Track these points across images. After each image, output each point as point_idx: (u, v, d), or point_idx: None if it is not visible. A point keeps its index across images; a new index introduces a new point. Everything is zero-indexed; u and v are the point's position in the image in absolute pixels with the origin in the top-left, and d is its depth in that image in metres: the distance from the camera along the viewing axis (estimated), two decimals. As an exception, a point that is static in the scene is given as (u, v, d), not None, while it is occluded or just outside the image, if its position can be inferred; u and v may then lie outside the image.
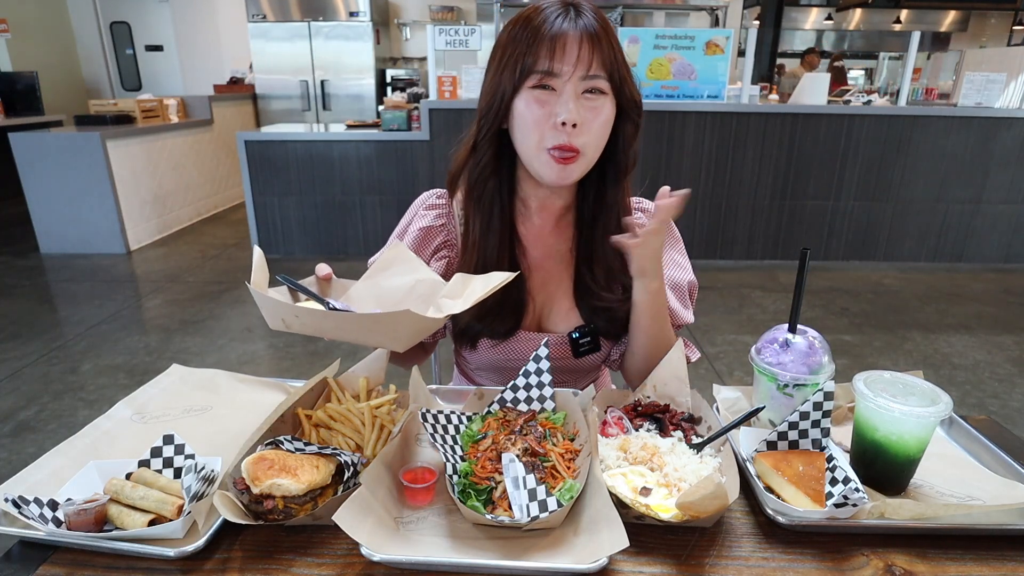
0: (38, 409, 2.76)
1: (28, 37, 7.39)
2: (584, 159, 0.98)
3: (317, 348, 3.39)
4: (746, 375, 3.08)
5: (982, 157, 4.70)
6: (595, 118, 0.96)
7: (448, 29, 4.70)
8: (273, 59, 7.22)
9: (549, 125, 0.95)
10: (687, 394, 0.98)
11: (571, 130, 0.94)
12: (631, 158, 1.06)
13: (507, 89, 0.97)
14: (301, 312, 0.84)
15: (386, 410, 0.97)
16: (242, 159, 4.77)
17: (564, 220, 1.15)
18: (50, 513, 0.73)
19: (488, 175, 1.06)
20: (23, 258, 4.94)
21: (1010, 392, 2.99)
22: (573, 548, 0.71)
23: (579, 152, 0.97)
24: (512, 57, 0.95)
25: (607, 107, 0.97)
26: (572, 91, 0.94)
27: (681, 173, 4.72)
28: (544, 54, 0.93)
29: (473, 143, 1.06)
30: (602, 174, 1.08)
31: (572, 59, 0.93)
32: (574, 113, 0.93)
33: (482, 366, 1.22)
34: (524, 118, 0.96)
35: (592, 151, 0.99)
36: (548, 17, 0.94)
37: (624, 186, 1.10)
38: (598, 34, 0.94)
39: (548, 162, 0.97)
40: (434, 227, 1.15)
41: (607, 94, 0.97)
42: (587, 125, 0.95)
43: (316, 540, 0.74)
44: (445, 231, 1.16)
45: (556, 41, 0.93)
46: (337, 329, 0.86)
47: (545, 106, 0.95)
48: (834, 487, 0.78)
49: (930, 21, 10.40)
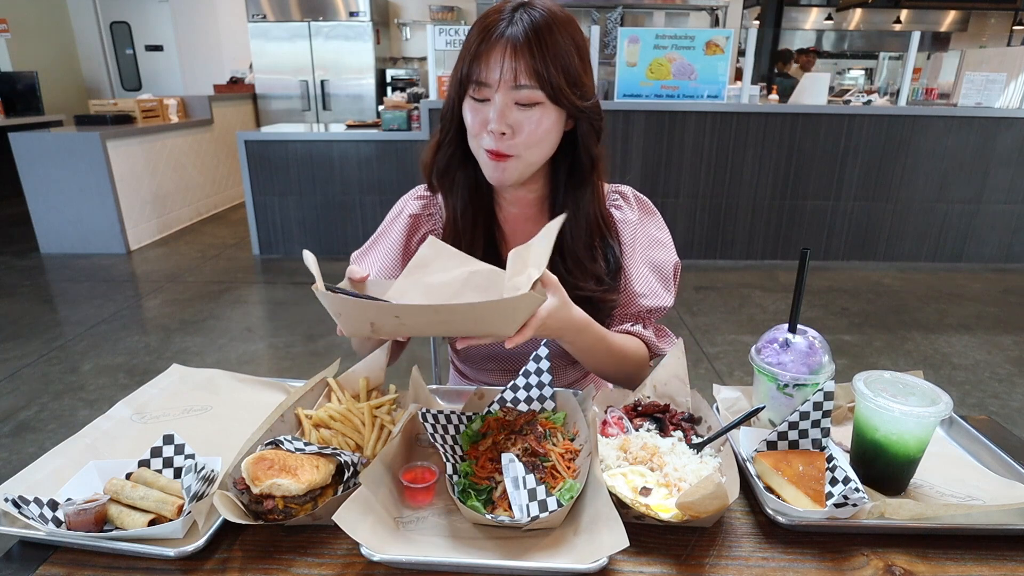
0: (38, 409, 2.76)
1: (28, 37, 7.39)
2: (520, 162, 1.00)
3: (317, 348, 3.39)
4: (746, 375, 3.08)
5: (982, 157, 4.70)
6: (529, 125, 0.97)
7: (448, 29, 4.70)
8: (273, 59, 7.22)
9: (485, 131, 0.98)
10: (687, 394, 0.98)
11: (501, 137, 0.97)
12: (592, 159, 1.07)
13: (454, 96, 1.02)
14: (402, 311, 0.78)
15: (386, 410, 0.97)
16: (242, 159, 4.77)
17: (542, 209, 1.16)
18: (50, 513, 0.73)
19: (456, 166, 1.09)
20: (23, 258, 4.94)
21: (1010, 392, 2.99)
22: (573, 548, 0.71)
23: (511, 156, 0.99)
24: (459, 63, 0.99)
25: (544, 115, 0.97)
26: (501, 101, 0.95)
27: (681, 173, 4.72)
28: (475, 65, 0.96)
29: (437, 143, 1.09)
30: (570, 171, 1.09)
31: (497, 69, 0.94)
32: (499, 123, 0.96)
33: (470, 356, 1.25)
34: (467, 122, 1.01)
35: (531, 155, 1.01)
36: (493, 23, 0.96)
37: (592, 186, 1.10)
38: (528, 43, 0.93)
39: (486, 163, 1.02)
40: (422, 215, 1.18)
41: (543, 102, 0.97)
42: (519, 132, 0.97)
43: (316, 540, 0.74)
44: (432, 220, 1.19)
45: (484, 53, 0.95)
46: (445, 323, 0.81)
47: (479, 114, 0.99)
48: (834, 487, 0.78)
49: (930, 21, 10.39)
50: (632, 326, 1.14)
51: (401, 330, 0.81)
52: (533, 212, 1.16)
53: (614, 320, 1.15)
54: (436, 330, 0.83)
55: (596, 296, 1.09)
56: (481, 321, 0.80)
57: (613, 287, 1.12)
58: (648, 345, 1.14)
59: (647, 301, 1.13)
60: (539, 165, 1.05)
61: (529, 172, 1.04)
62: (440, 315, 0.79)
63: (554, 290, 0.89)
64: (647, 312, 1.15)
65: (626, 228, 1.16)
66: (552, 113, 0.98)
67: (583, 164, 1.07)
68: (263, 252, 5.02)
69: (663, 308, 1.15)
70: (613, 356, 1.07)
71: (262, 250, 5.02)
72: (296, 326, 3.67)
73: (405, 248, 1.17)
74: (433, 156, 1.11)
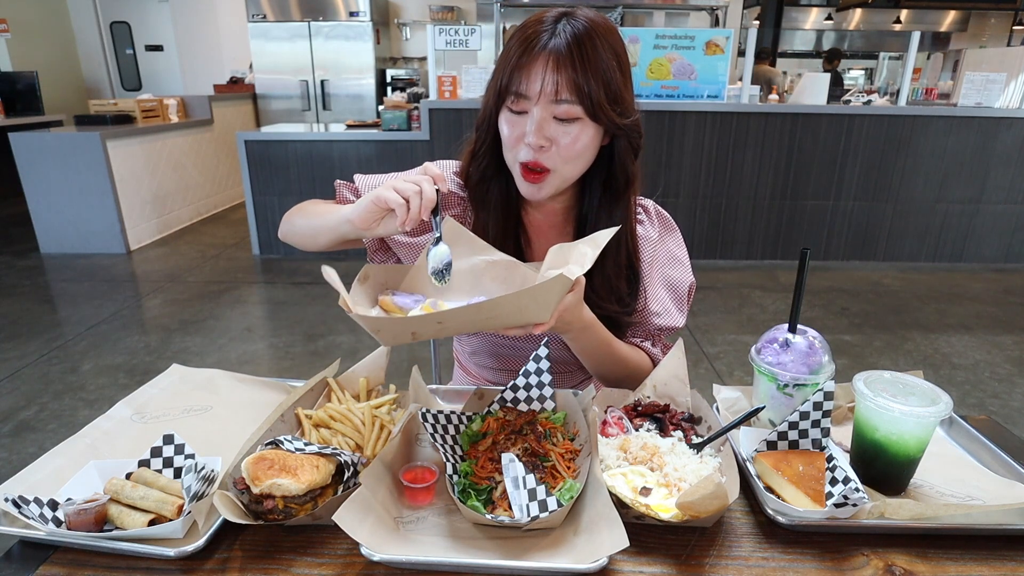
0: (38, 409, 2.76)
1: (28, 37, 7.39)
2: (556, 177, 0.99)
3: (317, 348, 3.39)
4: (746, 375, 3.08)
5: (982, 157, 4.70)
6: (566, 140, 0.96)
7: (448, 29, 4.70)
8: (273, 59, 7.22)
9: (522, 143, 0.97)
10: (687, 394, 0.98)
11: (539, 150, 0.96)
12: (627, 177, 1.05)
13: (492, 107, 1.00)
14: (444, 316, 0.79)
15: (386, 410, 0.97)
16: (242, 159, 4.77)
17: (568, 218, 1.15)
18: (50, 513, 0.73)
19: (490, 177, 1.08)
20: (23, 258, 4.94)
21: (1010, 392, 2.99)
22: (573, 548, 0.71)
23: (548, 171, 0.98)
24: (498, 72, 0.97)
25: (582, 130, 0.96)
26: (539, 114, 0.94)
27: (681, 173, 4.72)
28: (516, 76, 0.94)
29: (472, 151, 1.08)
30: (605, 187, 1.07)
31: (538, 83, 0.93)
32: (537, 137, 0.94)
33: (478, 349, 1.24)
34: (503, 134, 1.00)
35: (567, 170, 0.99)
36: (534, 34, 0.94)
37: (627, 204, 1.08)
38: (571, 55, 0.91)
39: (520, 178, 1.00)
40: (455, 195, 1.14)
41: (582, 118, 0.95)
42: (557, 146, 0.96)
43: (316, 540, 0.74)
44: (463, 205, 1.15)
45: (525, 65, 0.93)
46: (487, 319, 0.81)
47: (516, 127, 0.97)
48: (834, 487, 0.78)
49: (930, 21, 10.39)
50: (641, 342, 1.14)
51: (443, 332, 0.81)
52: (558, 221, 1.15)
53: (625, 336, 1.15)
54: (477, 327, 0.82)
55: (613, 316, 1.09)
56: (522, 310, 0.80)
57: (632, 309, 1.12)
58: (654, 362, 1.13)
59: (660, 320, 1.13)
60: (574, 180, 1.03)
61: (564, 187, 1.03)
62: (482, 312, 0.79)
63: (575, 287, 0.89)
64: (658, 330, 1.15)
65: (646, 245, 1.15)
66: (590, 129, 0.97)
67: (618, 181, 1.05)
68: (263, 252, 5.02)
69: (674, 328, 1.14)
70: (616, 362, 1.06)
71: (262, 250, 5.02)
72: (296, 326, 3.67)
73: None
74: (467, 166, 1.10)
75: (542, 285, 0.78)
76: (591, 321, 0.99)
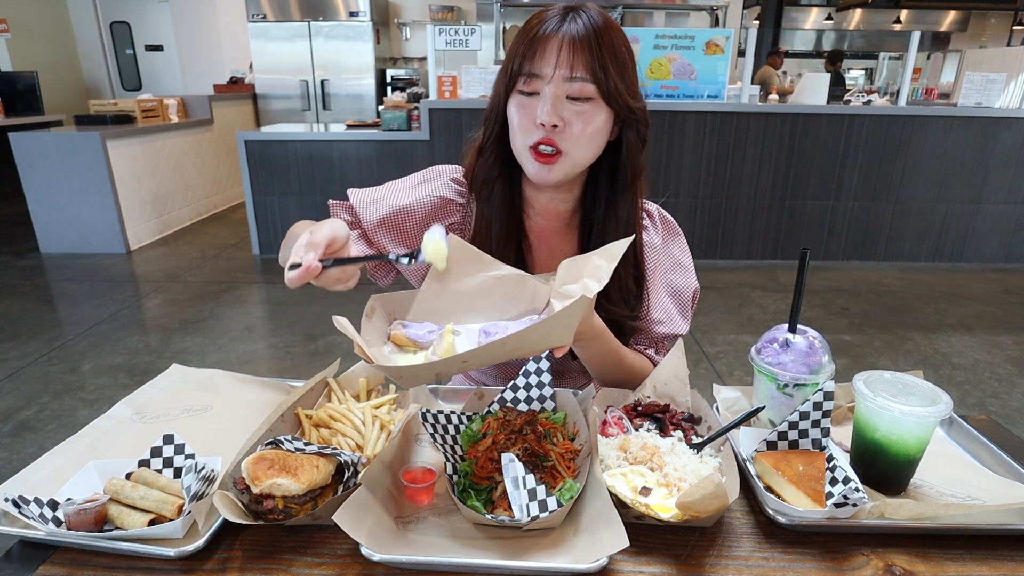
0: (38, 409, 2.76)
1: (28, 37, 7.39)
2: (567, 160, 0.98)
3: (317, 348, 3.39)
4: (746, 375, 3.08)
5: (982, 157, 4.70)
6: (580, 122, 0.96)
7: (448, 29, 4.70)
8: (273, 59, 7.22)
9: (534, 126, 0.96)
10: (687, 394, 0.98)
11: (552, 130, 0.95)
12: (635, 170, 1.05)
13: (501, 93, 1.00)
14: (470, 356, 0.77)
15: (386, 410, 0.97)
16: (242, 159, 4.77)
17: (571, 223, 1.15)
18: (50, 513, 0.73)
19: (495, 177, 1.08)
20: (23, 258, 4.94)
21: (1010, 392, 2.99)
22: (573, 548, 0.71)
23: (561, 152, 0.97)
24: (509, 59, 0.98)
25: (597, 114, 0.96)
26: (552, 93, 0.94)
27: (681, 173, 4.72)
28: (528, 57, 0.95)
29: (479, 147, 1.08)
30: (611, 182, 1.07)
31: (552, 61, 0.93)
32: (551, 114, 0.94)
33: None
34: (513, 120, 0.99)
35: (578, 154, 0.99)
36: (542, 22, 0.95)
37: (634, 198, 1.08)
38: (586, 38, 0.93)
39: (531, 160, 0.99)
40: (454, 203, 1.14)
41: (595, 99, 0.95)
42: (570, 127, 0.96)
43: (316, 540, 0.74)
44: (463, 211, 1.14)
45: (539, 44, 0.94)
46: (512, 351, 0.80)
47: (528, 108, 0.97)
48: (834, 487, 0.78)
49: (930, 21, 10.39)
50: (645, 349, 1.14)
51: (466, 368, 0.81)
52: (561, 225, 1.15)
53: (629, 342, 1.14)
54: (503, 359, 0.81)
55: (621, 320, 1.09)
56: (547, 337, 0.80)
57: (638, 313, 1.12)
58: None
59: (663, 328, 1.13)
60: (583, 168, 1.03)
61: (574, 173, 1.02)
62: (508, 345, 0.77)
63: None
64: (661, 338, 1.14)
65: (650, 252, 1.15)
66: (603, 112, 0.97)
67: (625, 174, 1.05)
68: (263, 252, 5.02)
69: (677, 336, 1.14)
70: (621, 369, 1.06)
71: (262, 250, 5.02)
72: (296, 326, 3.67)
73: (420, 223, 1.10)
74: (474, 162, 1.09)
75: (566, 310, 0.76)
76: (601, 329, 0.99)
